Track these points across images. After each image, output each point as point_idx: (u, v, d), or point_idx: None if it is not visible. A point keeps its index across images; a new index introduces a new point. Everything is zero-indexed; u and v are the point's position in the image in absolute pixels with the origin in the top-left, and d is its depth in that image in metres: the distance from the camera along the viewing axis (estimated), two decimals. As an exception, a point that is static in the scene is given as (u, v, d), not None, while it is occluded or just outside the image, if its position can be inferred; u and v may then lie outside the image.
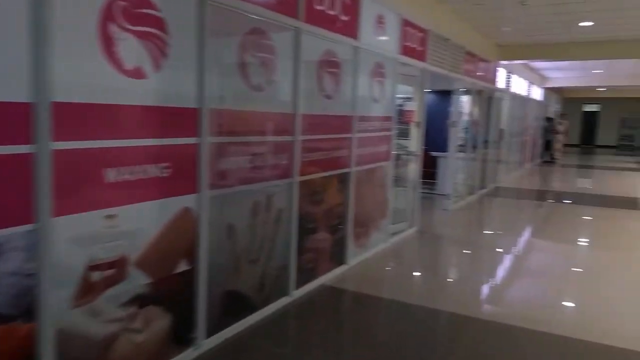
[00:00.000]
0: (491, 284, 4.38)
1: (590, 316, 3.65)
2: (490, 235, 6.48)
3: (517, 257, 5.26)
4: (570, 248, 5.67)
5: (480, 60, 8.42)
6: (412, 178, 6.23)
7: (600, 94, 22.35)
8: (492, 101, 9.67)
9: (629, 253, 5.45)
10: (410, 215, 6.20)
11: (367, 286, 4.19)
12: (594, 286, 4.34)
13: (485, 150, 9.75)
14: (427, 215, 7.28)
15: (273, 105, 3.37)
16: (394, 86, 5.18)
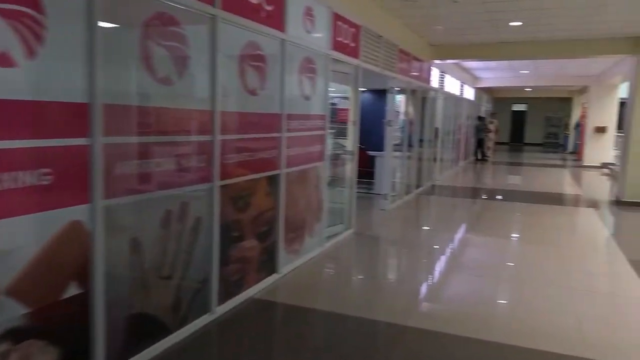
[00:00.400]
0: (427, 287, 4.25)
1: (525, 319, 3.58)
2: (426, 234, 6.42)
3: (452, 256, 5.19)
4: (503, 244, 5.69)
5: (414, 59, 8.41)
6: (348, 178, 6.03)
7: (527, 94, 23.51)
8: (426, 100, 9.73)
9: (557, 248, 5.54)
10: (347, 217, 6.01)
11: (300, 297, 3.91)
12: (528, 285, 4.32)
13: (421, 149, 9.80)
14: (365, 216, 7.13)
15: (186, 102, 3.01)
16: (327, 83, 4.95)
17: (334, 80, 5.65)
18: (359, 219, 6.51)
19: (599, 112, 14.89)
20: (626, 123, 8.41)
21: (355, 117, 5.91)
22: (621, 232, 6.65)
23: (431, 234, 6.45)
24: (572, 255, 5.25)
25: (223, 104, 3.29)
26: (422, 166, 9.90)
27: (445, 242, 5.89)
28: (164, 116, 2.82)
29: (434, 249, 5.58)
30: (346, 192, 6.04)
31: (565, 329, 3.34)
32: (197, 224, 3.14)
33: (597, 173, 13.83)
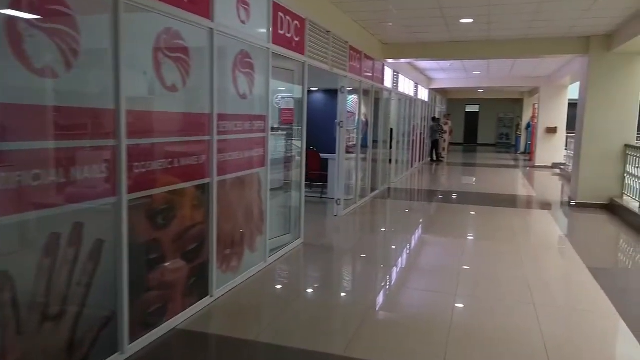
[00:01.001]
0: (379, 307, 3.84)
1: (482, 340, 3.22)
2: (380, 243, 6.05)
3: (406, 268, 4.83)
4: (459, 252, 5.37)
5: (367, 57, 8.06)
6: (295, 183, 5.57)
7: (480, 95, 23.85)
8: (380, 101, 9.42)
9: (515, 256, 5.29)
10: (295, 226, 5.54)
11: (234, 324, 3.41)
12: (485, 302, 3.99)
13: (376, 151, 9.48)
14: (317, 223, 6.69)
15: (75, 98, 2.44)
16: (268, 81, 4.46)
17: (278, 78, 5.18)
18: (309, 227, 6.06)
19: (549, 112, 15.13)
20: (578, 124, 8.38)
21: (303, 118, 5.45)
22: (577, 236, 6.51)
23: (385, 242, 6.08)
24: (530, 263, 5.00)
25: (132, 101, 2.74)
26: (377, 168, 9.58)
27: (400, 251, 5.53)
28: (47, 116, 2.25)
29: (387, 260, 5.20)
30: (294, 199, 5.57)
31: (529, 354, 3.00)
32: (98, 247, 2.58)
33: (548, 173, 14.01)
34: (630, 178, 7.60)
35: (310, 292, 4.21)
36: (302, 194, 5.58)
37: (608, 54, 7.77)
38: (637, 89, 7.71)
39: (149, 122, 2.96)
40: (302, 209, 5.57)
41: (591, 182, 8.01)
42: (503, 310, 3.70)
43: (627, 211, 7.20)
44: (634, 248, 5.91)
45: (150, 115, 2.99)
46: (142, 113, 2.91)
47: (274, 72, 4.70)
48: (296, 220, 5.54)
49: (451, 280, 4.38)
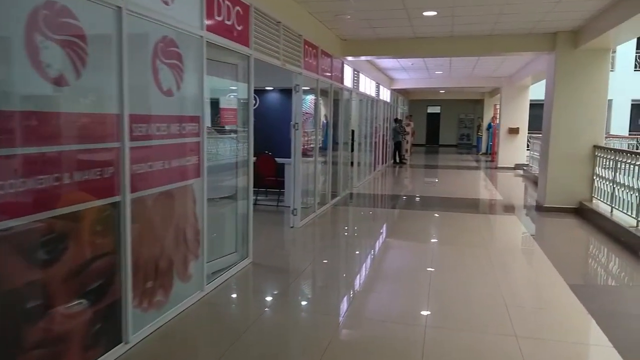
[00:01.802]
0: (342, 335, 3.19)
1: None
2: (341, 258, 5.41)
3: (369, 289, 4.21)
4: (425, 268, 4.80)
5: (324, 54, 7.43)
6: (242, 194, 4.86)
7: (441, 95, 23.73)
8: (340, 101, 8.82)
9: (488, 270, 4.76)
10: (242, 244, 4.83)
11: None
12: (454, 327, 3.41)
13: (336, 154, 8.87)
14: (269, 238, 6.00)
15: None
16: (202, 76, 3.74)
17: (217, 73, 4.46)
18: (261, 242, 5.39)
19: (511, 113, 14.97)
20: (545, 125, 8.03)
21: (250, 119, 4.75)
22: (550, 246, 6.07)
23: (347, 259, 5.45)
24: (504, 279, 4.47)
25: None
26: (338, 173, 8.98)
27: (363, 269, 4.90)
28: None
29: (349, 280, 4.57)
30: (240, 212, 4.86)
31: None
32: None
33: (511, 174, 13.81)
34: (600, 180, 7.28)
35: (259, 324, 3.51)
36: (250, 205, 4.87)
37: (575, 51, 7.44)
38: (605, 87, 7.41)
39: (17, 126, 2.20)
40: (250, 224, 4.86)
41: (559, 185, 7.67)
42: (478, 335, 3.12)
43: (597, 215, 6.86)
44: (612, 259, 5.52)
45: (19, 116, 2.23)
46: (8, 113, 2.15)
47: (212, 66, 3.99)
48: (243, 236, 4.84)
49: (420, 304, 3.79)
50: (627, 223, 5.91)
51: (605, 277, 4.94)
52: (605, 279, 4.90)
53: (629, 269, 5.03)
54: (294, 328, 3.52)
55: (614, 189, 6.58)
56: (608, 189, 6.88)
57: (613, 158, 6.72)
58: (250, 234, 4.85)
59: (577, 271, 4.97)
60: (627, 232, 5.69)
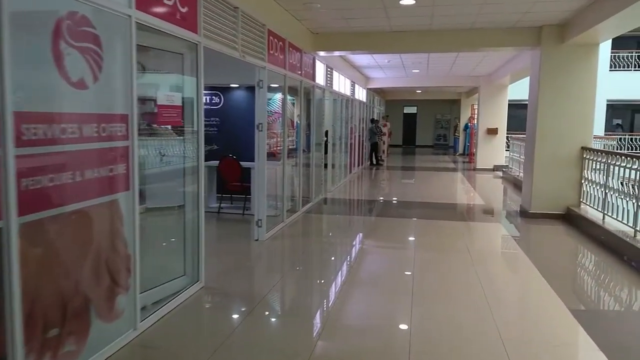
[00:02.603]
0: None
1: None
2: (311, 280, 4.73)
3: (343, 322, 3.55)
4: (408, 292, 4.17)
5: (293, 48, 6.75)
6: (191, 206, 4.13)
7: (417, 96, 23.33)
8: (312, 99, 8.17)
9: (477, 297, 4.16)
10: (192, 265, 4.11)
11: None
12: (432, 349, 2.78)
13: (308, 157, 8.21)
14: (229, 254, 5.29)
15: None
16: (131, 64, 3.02)
17: (158, 63, 3.75)
18: (218, 260, 4.70)
19: (489, 113, 14.57)
20: (529, 125, 7.53)
21: (199, 118, 4.03)
22: (541, 258, 5.53)
23: (315, 279, 4.78)
24: (496, 305, 3.87)
25: None
26: (310, 177, 8.31)
27: (333, 293, 4.24)
28: None
29: (315, 309, 3.90)
30: (189, 226, 4.13)
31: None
32: None
33: (491, 176, 13.40)
34: (589, 184, 6.80)
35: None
36: (201, 218, 4.14)
37: (562, 46, 6.95)
38: (593, 85, 6.94)
39: None
40: (202, 240, 4.14)
41: (545, 189, 7.17)
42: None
43: (586, 222, 6.38)
44: (613, 276, 5.00)
45: None
46: None
47: (148, 55, 3.27)
48: (194, 255, 4.11)
49: (402, 341, 3.14)
50: (621, 232, 5.41)
51: (611, 301, 4.38)
52: (611, 303, 4.35)
53: (634, 288, 4.49)
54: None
55: (606, 194, 6.09)
56: (598, 194, 6.40)
57: (604, 161, 6.23)
58: (202, 252, 4.13)
59: (576, 292, 4.41)
60: (621, 241, 5.18)
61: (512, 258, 5.50)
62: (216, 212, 7.43)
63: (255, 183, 5.78)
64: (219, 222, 7.03)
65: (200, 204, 4.09)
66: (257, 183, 5.79)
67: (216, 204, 7.58)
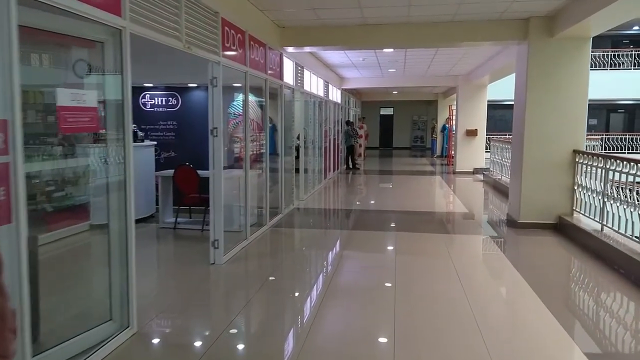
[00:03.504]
0: None
1: None
2: (274, 319, 3.96)
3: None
4: (390, 334, 3.45)
5: (256, 42, 5.98)
6: (117, 230, 3.30)
7: (394, 97, 22.80)
8: (280, 100, 7.40)
9: (470, 332, 3.46)
10: (120, 306, 3.29)
11: None
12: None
13: (277, 163, 7.45)
14: (176, 284, 4.47)
15: None
16: (11, 53, 2.21)
17: (62, 53, 2.94)
18: (160, 294, 3.90)
19: (468, 114, 14.05)
20: (516, 128, 6.93)
21: (126, 123, 3.21)
22: (540, 279, 4.88)
23: (279, 317, 4.00)
24: (492, 343, 3.17)
25: None
26: (279, 185, 7.54)
27: (301, 336, 3.47)
28: None
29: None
30: (115, 257, 3.31)
31: None
32: None
33: (471, 179, 12.86)
34: (582, 191, 6.22)
35: None
36: (131, 246, 3.31)
37: (551, 40, 6.36)
38: (585, 82, 6.37)
39: None
40: (131, 273, 3.31)
41: (535, 197, 6.56)
42: None
43: (581, 232, 5.79)
44: (608, 289, 4.37)
45: None
46: None
47: (48, 43, 2.46)
48: (122, 294, 3.29)
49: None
50: (626, 247, 4.81)
51: (616, 327, 3.74)
52: (617, 329, 3.71)
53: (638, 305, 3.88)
54: None
55: (604, 203, 5.50)
56: (594, 202, 5.81)
57: (602, 166, 5.64)
58: (133, 288, 3.31)
59: (589, 329, 3.75)
60: (627, 258, 4.58)
61: (502, 275, 4.84)
62: (172, 228, 6.59)
63: (211, 197, 4.98)
64: (173, 240, 6.20)
65: (128, 227, 3.27)
66: (213, 197, 4.99)
67: (172, 218, 6.73)
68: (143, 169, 7.00)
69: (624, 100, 20.57)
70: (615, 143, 19.50)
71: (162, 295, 4.17)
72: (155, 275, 4.86)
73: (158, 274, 4.90)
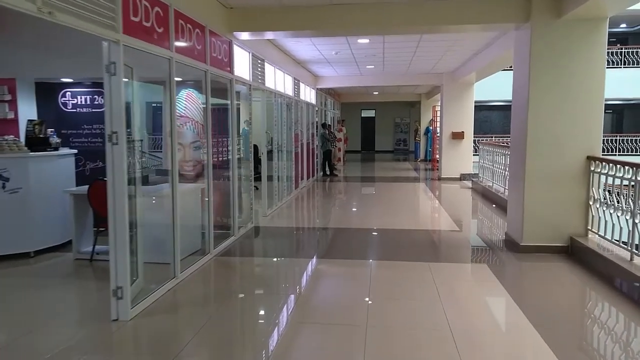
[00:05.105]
0: None
1: None
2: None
3: None
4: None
5: (188, 21, 4.67)
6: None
7: (375, 98, 21.65)
8: (231, 99, 6.08)
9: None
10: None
11: None
12: None
13: (225, 173, 6.13)
14: (53, 356, 3.10)
15: None
16: None
17: None
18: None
19: (454, 115, 12.89)
20: (516, 131, 5.71)
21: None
22: (560, 332, 3.63)
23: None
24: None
25: None
26: (231, 201, 6.21)
27: None
28: None
29: None
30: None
31: None
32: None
33: (458, 186, 11.68)
34: (600, 207, 5.03)
35: None
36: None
37: (558, 23, 5.15)
38: (601, 72, 5.17)
39: None
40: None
41: (541, 214, 5.35)
42: None
43: (598, 258, 4.60)
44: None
45: None
46: None
47: None
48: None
49: None
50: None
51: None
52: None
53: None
54: None
55: (635, 225, 4.29)
56: (619, 223, 4.61)
57: (631, 177, 4.43)
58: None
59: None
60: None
61: (505, 321, 3.58)
62: (88, 259, 5.20)
63: (110, 225, 3.61)
64: (82, 279, 4.81)
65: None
66: (114, 226, 3.62)
67: (91, 246, 5.34)
68: (57, 183, 5.61)
69: (612, 100, 19.71)
70: (604, 145, 18.63)
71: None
72: (30, 338, 3.46)
73: (34, 339, 3.48)
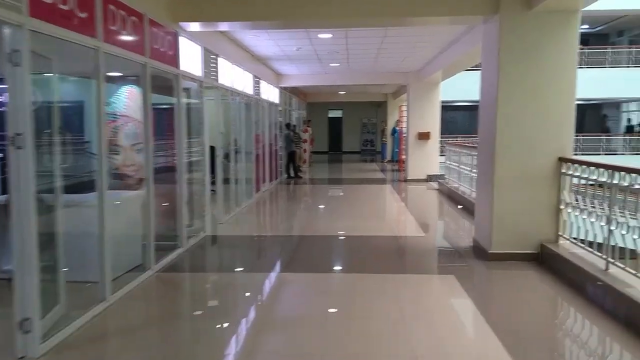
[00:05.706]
0: None
1: None
2: None
3: None
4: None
5: (119, 6, 4.10)
6: None
7: (342, 98, 21.30)
8: (177, 96, 5.51)
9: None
10: None
11: None
12: None
13: (173, 177, 5.57)
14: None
15: None
16: None
17: None
18: None
19: (419, 115, 12.62)
20: (484, 132, 5.38)
21: None
22: (524, 343, 3.28)
23: None
24: None
25: None
26: (177, 209, 5.64)
27: None
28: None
29: None
30: None
31: None
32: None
33: (424, 188, 11.41)
34: (572, 211, 4.74)
35: None
36: None
37: (529, 15, 4.82)
38: (573, 68, 4.88)
39: None
40: None
41: (510, 220, 5.02)
42: None
43: (570, 267, 4.30)
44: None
45: None
46: None
47: None
48: None
49: None
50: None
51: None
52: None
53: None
54: None
55: (610, 232, 3.99)
56: (593, 229, 4.32)
57: (606, 180, 4.13)
58: None
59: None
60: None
61: (479, 346, 3.20)
62: (8, 280, 4.55)
63: (15, 249, 3.03)
64: (2, 300, 4.18)
65: None
66: (19, 249, 3.04)
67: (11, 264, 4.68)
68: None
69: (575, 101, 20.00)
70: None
71: None
72: None
73: None
